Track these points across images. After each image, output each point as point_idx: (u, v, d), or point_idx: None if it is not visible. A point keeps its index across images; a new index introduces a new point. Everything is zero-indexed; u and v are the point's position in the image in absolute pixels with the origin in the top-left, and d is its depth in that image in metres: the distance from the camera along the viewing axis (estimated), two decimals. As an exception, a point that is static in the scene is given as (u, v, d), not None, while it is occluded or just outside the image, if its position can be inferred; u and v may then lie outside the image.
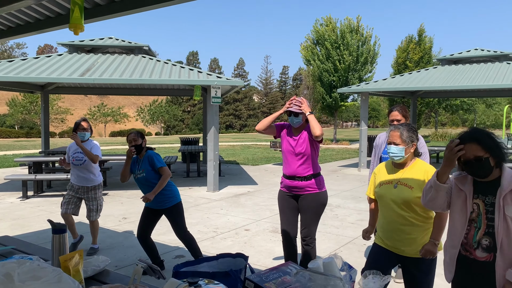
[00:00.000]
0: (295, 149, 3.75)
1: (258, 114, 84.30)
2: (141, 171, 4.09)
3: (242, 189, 9.57)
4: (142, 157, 4.17)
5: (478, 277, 2.07)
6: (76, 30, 2.81)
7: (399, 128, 2.68)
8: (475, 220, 2.09)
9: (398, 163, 2.71)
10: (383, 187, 2.72)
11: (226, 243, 5.40)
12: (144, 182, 4.11)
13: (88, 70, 9.07)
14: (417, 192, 2.57)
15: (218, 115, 9.21)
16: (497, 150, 2.03)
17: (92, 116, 59.34)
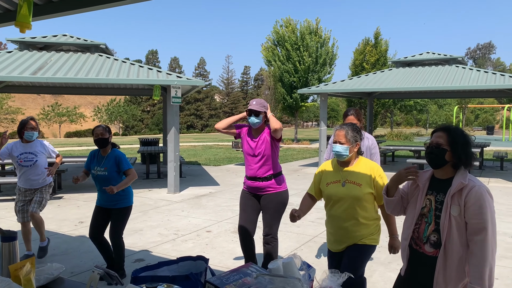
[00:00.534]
0: (255, 151, 3.79)
1: (220, 114, 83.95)
2: (104, 169, 3.96)
3: (203, 190, 9.51)
4: (106, 154, 4.03)
5: (425, 271, 2.16)
6: (23, 28, 2.68)
7: (344, 128, 2.77)
8: (426, 215, 2.17)
9: (342, 161, 2.79)
10: (331, 186, 2.78)
11: (187, 245, 5.35)
12: (104, 181, 4.00)
13: (41, 69, 8.67)
14: (366, 189, 2.67)
15: (178, 115, 9.09)
16: (461, 151, 2.08)
17: (45, 116, 56.71)
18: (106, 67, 9.32)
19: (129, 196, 4.10)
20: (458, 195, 2.05)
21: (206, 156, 18.03)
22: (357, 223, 2.71)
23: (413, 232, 2.21)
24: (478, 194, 2.00)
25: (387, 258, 4.81)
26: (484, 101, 49.32)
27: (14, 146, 4.73)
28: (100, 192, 4.09)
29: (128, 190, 4.09)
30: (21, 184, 4.73)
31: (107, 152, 4.05)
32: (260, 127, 3.82)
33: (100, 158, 4.06)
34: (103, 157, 4.05)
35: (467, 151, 2.10)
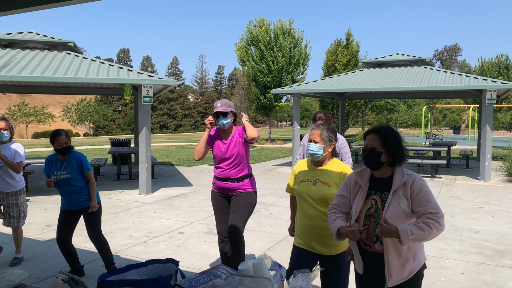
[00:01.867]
0: (227, 153, 3.76)
1: (193, 114, 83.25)
2: (66, 172, 3.88)
3: (176, 191, 9.39)
4: (66, 157, 3.93)
5: (377, 268, 2.22)
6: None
7: (320, 128, 2.80)
8: (374, 215, 2.22)
9: (316, 161, 2.81)
10: (302, 184, 2.80)
11: (159, 247, 5.27)
12: (66, 184, 3.92)
13: (5, 67, 8.34)
14: (334, 189, 2.70)
15: (150, 115, 8.95)
16: (395, 151, 2.19)
17: (12, 115, 54.63)
18: (75, 65, 9.06)
19: (97, 195, 4.05)
20: (402, 189, 2.16)
21: (179, 157, 17.83)
22: (325, 221, 2.73)
23: (361, 233, 2.24)
24: (419, 184, 2.14)
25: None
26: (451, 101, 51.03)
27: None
28: (65, 197, 4.01)
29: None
30: None
31: (67, 156, 3.96)
32: (229, 128, 3.80)
33: (59, 162, 3.97)
34: (62, 161, 3.96)
35: (399, 149, 2.20)
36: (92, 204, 3.95)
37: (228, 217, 3.86)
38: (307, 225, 2.77)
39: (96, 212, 4.01)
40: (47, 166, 4.00)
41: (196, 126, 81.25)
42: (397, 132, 2.27)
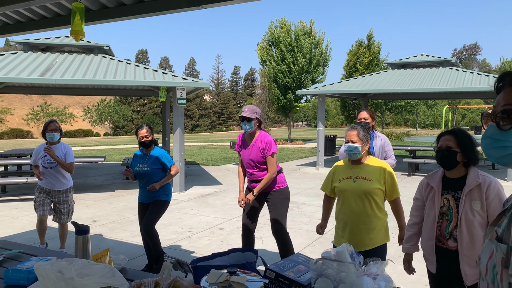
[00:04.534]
0: (250, 156, 4.01)
1: (210, 114, 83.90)
2: (146, 165, 4.18)
3: (207, 189, 9.69)
4: (149, 152, 4.24)
5: (451, 264, 2.37)
6: (77, 37, 2.88)
7: (356, 128, 2.95)
8: (446, 213, 2.38)
9: (354, 160, 2.97)
10: (343, 182, 2.96)
11: (203, 242, 5.55)
12: (146, 176, 4.21)
13: (48, 70, 8.77)
14: (375, 184, 2.87)
15: (183, 116, 9.26)
16: (470, 151, 2.34)
17: (35, 116, 56.07)
18: (112, 68, 9.45)
19: (168, 193, 4.34)
20: (476, 191, 2.28)
21: (203, 156, 18.18)
22: (367, 216, 2.89)
23: (436, 231, 2.39)
24: (496, 189, 2.26)
25: (396, 251, 5.08)
26: (470, 101, 50.35)
27: (39, 148, 4.87)
28: (142, 189, 4.31)
29: (167, 187, 4.32)
30: (43, 185, 4.84)
31: (150, 151, 4.27)
32: (253, 132, 4.02)
33: (143, 156, 4.29)
34: (146, 155, 4.28)
35: (474, 150, 2.34)
36: (154, 185, 4.13)
37: (254, 215, 4.12)
38: (349, 221, 2.94)
39: (161, 206, 4.25)
40: (134, 159, 4.35)
41: (213, 126, 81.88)
42: (471, 134, 2.42)
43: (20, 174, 10.13)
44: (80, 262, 1.66)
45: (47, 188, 4.84)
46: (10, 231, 6.10)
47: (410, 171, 12.10)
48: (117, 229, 6.21)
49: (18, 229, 6.22)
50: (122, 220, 6.77)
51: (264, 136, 4.00)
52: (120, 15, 3.38)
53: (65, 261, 1.69)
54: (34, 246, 2.77)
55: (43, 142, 5.07)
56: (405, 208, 6.60)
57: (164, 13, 3.30)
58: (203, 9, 3.19)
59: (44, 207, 4.80)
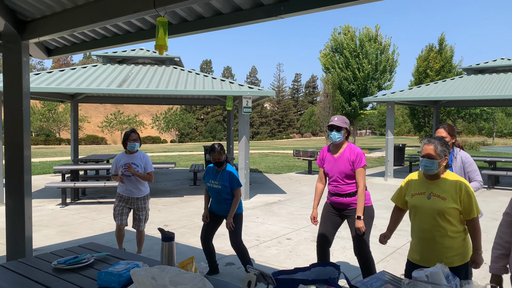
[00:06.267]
0: (338, 168, 3.85)
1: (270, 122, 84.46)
2: (217, 183, 4.25)
3: (272, 197, 9.69)
4: (222, 169, 4.30)
5: None
6: (161, 50, 2.99)
7: (433, 142, 2.77)
8: None
9: (430, 175, 2.80)
10: (416, 197, 2.81)
11: (271, 251, 5.51)
12: (216, 193, 4.30)
13: (125, 81, 9.33)
14: (450, 203, 2.67)
15: (249, 124, 9.38)
16: None
17: (108, 123, 60.15)
18: (182, 79, 9.84)
19: (240, 206, 4.37)
20: None
21: (265, 164, 18.27)
22: (441, 235, 2.72)
23: None
24: None
25: (481, 273, 4.68)
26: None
27: (119, 157, 5.10)
28: (214, 201, 4.38)
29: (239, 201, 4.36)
30: (122, 192, 5.05)
31: (222, 168, 4.32)
32: (340, 143, 3.88)
33: (215, 172, 4.35)
34: (218, 172, 4.33)
35: None
36: (228, 220, 4.22)
37: (332, 230, 3.97)
38: (422, 238, 2.78)
39: (238, 220, 4.29)
40: (206, 173, 4.44)
41: (273, 134, 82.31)
42: None
43: (97, 179, 10.84)
44: (172, 270, 1.69)
45: (125, 195, 5.03)
46: (90, 232, 6.52)
47: (489, 184, 11.19)
48: (188, 234, 6.39)
49: (98, 231, 6.63)
50: (192, 225, 6.96)
51: (354, 147, 3.89)
52: (200, 28, 3.48)
53: (157, 268, 1.73)
54: (119, 250, 2.90)
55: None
56: (486, 224, 6.09)
57: (242, 25, 3.34)
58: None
59: (122, 216, 5.02)
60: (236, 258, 5.18)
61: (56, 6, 3.78)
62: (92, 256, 2.64)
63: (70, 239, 6.10)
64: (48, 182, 9.17)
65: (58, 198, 9.51)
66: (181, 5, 2.92)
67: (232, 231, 4.30)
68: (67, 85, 8.88)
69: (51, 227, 6.88)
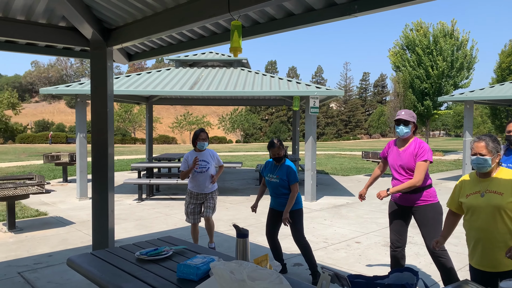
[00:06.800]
0: (401, 162, 3.77)
1: (336, 122, 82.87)
2: (276, 177, 4.30)
3: (339, 200, 9.51)
4: (280, 164, 4.34)
5: None
6: (236, 53, 3.08)
7: (484, 139, 2.72)
8: None
9: (483, 173, 2.73)
10: (471, 197, 2.73)
11: (340, 254, 5.42)
12: (274, 187, 4.34)
13: (196, 83, 9.72)
14: (508, 197, 2.57)
15: (316, 124, 9.28)
16: None
17: (178, 124, 63.02)
18: (250, 80, 10.02)
19: (299, 201, 4.36)
20: None
21: (332, 166, 17.97)
22: (501, 233, 2.60)
23: None
24: None
25: None
26: None
27: (190, 155, 5.34)
28: (272, 197, 4.44)
29: (297, 196, 4.36)
30: (192, 188, 5.29)
31: (281, 163, 4.36)
32: (407, 138, 3.80)
33: (274, 167, 4.40)
34: (277, 166, 4.38)
35: None
36: (284, 216, 4.21)
37: (402, 228, 3.85)
38: (481, 239, 2.68)
39: (298, 216, 4.30)
40: (264, 167, 4.52)
41: (339, 134, 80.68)
42: None
43: (169, 176, 11.40)
44: (250, 265, 1.74)
45: (195, 191, 5.26)
46: (164, 227, 6.88)
47: None
48: (255, 232, 6.49)
49: (171, 226, 6.98)
50: (259, 224, 7.06)
51: (420, 142, 3.80)
52: (271, 29, 3.53)
53: (235, 263, 1.79)
54: (195, 244, 3.04)
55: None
56: None
57: (314, 25, 3.33)
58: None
59: (195, 215, 5.25)
60: (303, 259, 5.17)
61: (138, 14, 4.05)
62: (170, 249, 2.79)
63: (146, 233, 6.49)
64: (126, 178, 9.83)
65: (135, 193, 10.15)
66: (254, 8, 2.98)
67: (293, 227, 4.28)
68: (144, 88, 9.45)
69: (129, 220, 7.37)
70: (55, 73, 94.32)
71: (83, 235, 6.35)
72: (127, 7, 3.95)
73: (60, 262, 5.05)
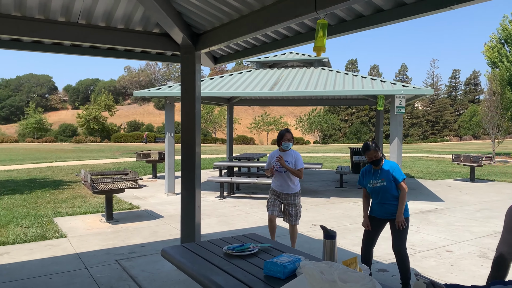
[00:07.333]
0: None
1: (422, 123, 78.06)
2: (381, 180, 4.06)
3: (427, 205, 8.94)
4: (380, 167, 4.13)
5: None
6: (319, 52, 3.04)
7: None
8: None
9: None
10: None
11: (429, 262, 5.09)
12: (381, 192, 4.09)
13: (276, 84, 9.82)
14: None
15: (402, 125, 8.83)
16: None
17: (256, 125, 64.19)
18: (330, 79, 9.85)
19: (406, 209, 4.12)
20: None
21: (418, 169, 16.97)
22: None
23: None
24: None
25: None
26: None
27: (274, 154, 5.37)
28: (376, 204, 4.18)
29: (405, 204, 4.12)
30: (275, 187, 5.33)
31: (380, 166, 4.13)
32: None
33: (374, 171, 4.16)
34: (377, 170, 4.13)
35: None
36: (397, 219, 3.96)
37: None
38: None
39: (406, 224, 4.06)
40: (362, 177, 4.29)
41: (425, 136, 75.86)
42: None
43: (249, 175, 11.65)
44: (340, 267, 1.71)
45: (277, 190, 5.30)
46: (246, 225, 7.05)
47: None
48: (337, 236, 6.36)
49: (252, 224, 7.12)
50: (340, 227, 6.91)
51: None
52: (358, 27, 3.43)
53: (324, 263, 1.77)
54: (280, 243, 3.06)
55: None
56: None
57: (404, 20, 3.17)
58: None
59: (274, 207, 5.27)
60: (389, 265, 4.95)
61: (225, 18, 4.20)
62: (256, 246, 2.85)
63: (228, 229, 6.70)
64: (209, 176, 10.25)
65: (216, 191, 10.54)
66: (342, 5, 2.92)
67: (397, 234, 4.03)
68: (226, 90, 9.78)
69: (212, 216, 7.67)
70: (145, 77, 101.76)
71: (171, 228, 6.75)
72: (215, 12, 4.12)
73: (152, 253, 5.43)
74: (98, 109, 63.23)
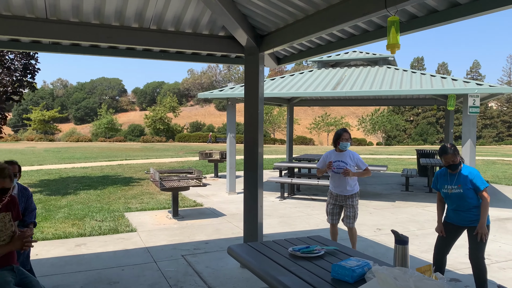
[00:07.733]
0: None
1: (496, 124, 72.41)
2: (457, 187, 3.81)
3: (504, 212, 8.28)
4: (457, 172, 3.88)
5: None
6: (393, 50, 2.93)
7: None
8: None
9: None
10: None
11: (507, 274, 4.71)
12: (457, 199, 3.84)
13: (338, 84, 9.64)
14: None
15: (475, 126, 8.25)
16: None
17: (316, 125, 63.46)
18: (396, 78, 9.47)
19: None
20: None
21: (492, 173, 15.77)
22: None
23: None
24: None
25: None
26: None
27: (329, 155, 5.26)
28: (453, 211, 3.94)
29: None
30: (332, 189, 5.22)
31: (458, 170, 3.87)
32: None
33: (450, 176, 3.91)
34: (453, 175, 3.88)
35: None
36: (480, 230, 3.69)
37: None
38: None
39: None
40: (436, 179, 4.06)
41: (500, 138, 70.28)
42: None
43: (309, 176, 11.55)
44: (416, 274, 1.63)
45: (335, 192, 5.19)
46: (307, 226, 6.99)
47: None
48: (402, 241, 6.10)
49: (313, 226, 7.05)
50: (407, 232, 6.61)
51: None
52: (431, 23, 3.25)
53: (398, 269, 1.70)
54: (346, 246, 3.00)
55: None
56: None
57: (482, 15, 2.97)
58: None
59: (333, 216, 5.20)
60: (462, 275, 4.65)
61: (290, 18, 4.20)
62: (322, 248, 2.81)
63: (289, 230, 6.69)
64: (269, 177, 10.30)
65: (277, 191, 10.57)
66: (414, 1, 2.80)
67: (477, 242, 3.74)
68: (287, 90, 9.77)
69: (272, 217, 7.70)
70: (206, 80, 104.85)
71: (233, 227, 6.88)
72: (280, 13, 4.13)
73: (215, 250, 5.58)
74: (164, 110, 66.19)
